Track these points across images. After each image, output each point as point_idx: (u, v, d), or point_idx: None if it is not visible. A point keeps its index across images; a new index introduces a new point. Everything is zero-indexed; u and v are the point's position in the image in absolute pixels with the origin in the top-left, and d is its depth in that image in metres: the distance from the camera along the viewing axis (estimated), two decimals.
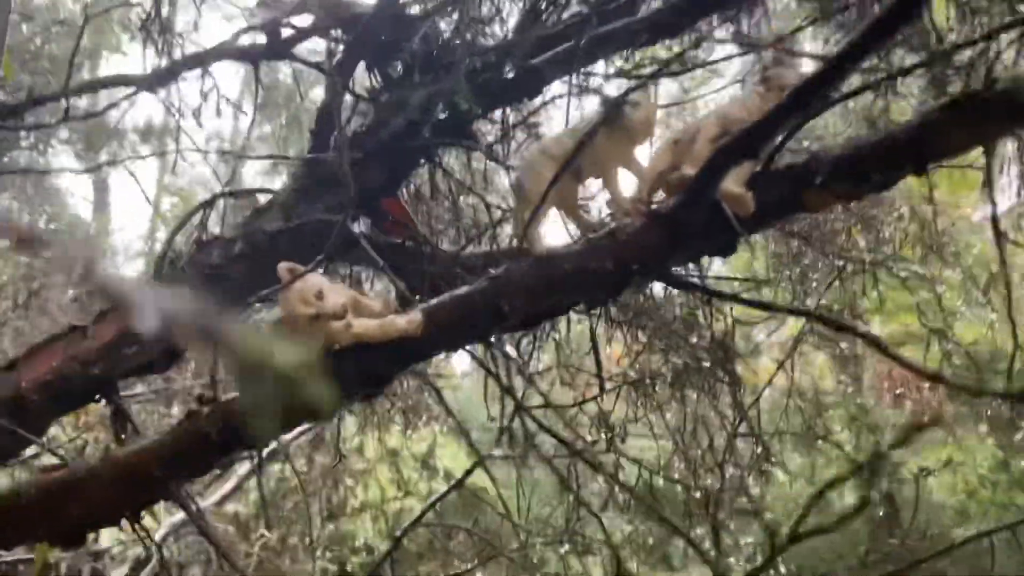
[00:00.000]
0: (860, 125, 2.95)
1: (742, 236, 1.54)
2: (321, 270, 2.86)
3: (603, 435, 3.79)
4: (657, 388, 3.71)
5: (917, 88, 1.86)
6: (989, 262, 4.22)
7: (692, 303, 3.54)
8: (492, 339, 1.64)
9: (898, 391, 6.16)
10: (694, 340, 3.22)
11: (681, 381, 3.56)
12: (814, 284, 4.18)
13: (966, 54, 1.57)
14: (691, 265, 1.85)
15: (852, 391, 6.01)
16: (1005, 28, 1.57)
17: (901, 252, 4.12)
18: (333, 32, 2.56)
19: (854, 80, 1.69)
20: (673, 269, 1.67)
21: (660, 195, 1.70)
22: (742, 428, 3.56)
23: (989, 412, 5.04)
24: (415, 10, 2.54)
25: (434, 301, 1.66)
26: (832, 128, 3.57)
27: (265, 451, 3.98)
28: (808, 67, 1.77)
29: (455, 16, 2.44)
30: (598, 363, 3.10)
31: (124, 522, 1.73)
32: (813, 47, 2.98)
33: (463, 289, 1.66)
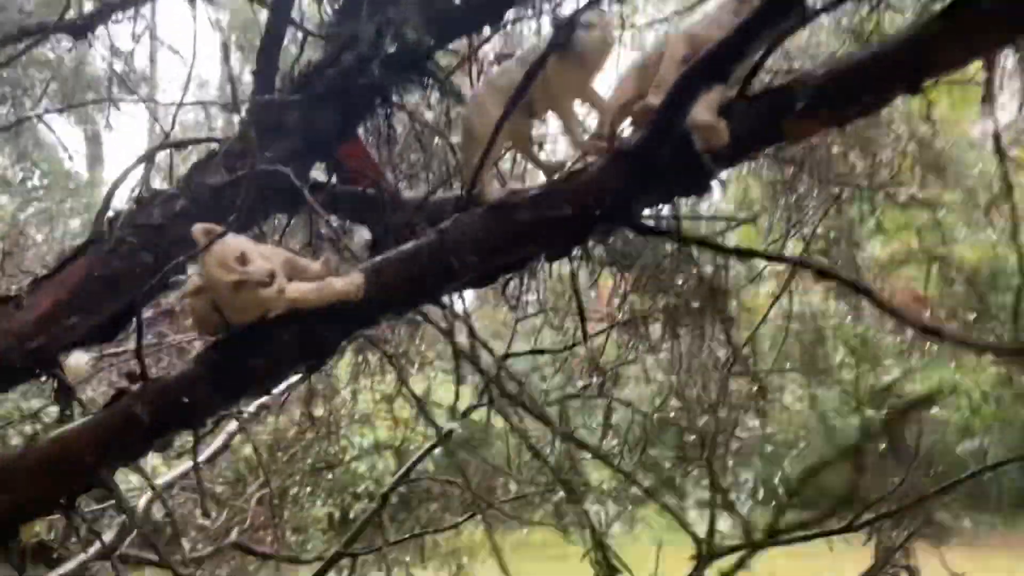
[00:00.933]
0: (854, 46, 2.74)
1: (714, 172, 1.36)
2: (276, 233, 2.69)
3: (594, 379, 3.68)
4: (648, 328, 3.58)
5: None
6: (991, 181, 4.05)
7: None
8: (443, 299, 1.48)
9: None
10: (682, 281, 3.05)
11: (672, 321, 3.42)
12: (810, 212, 4.01)
13: None
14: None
15: (852, 317, 5.86)
16: None
17: (899, 175, 3.94)
18: None
19: None
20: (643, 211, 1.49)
21: (627, 130, 1.52)
22: (738, 367, 3.44)
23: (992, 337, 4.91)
24: None
25: (377, 259, 1.50)
26: (826, 49, 3.35)
27: (253, 407, 3.88)
28: None
29: None
30: (580, 309, 2.95)
31: None
32: None
33: (409, 245, 1.49)
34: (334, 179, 2.46)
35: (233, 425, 3.85)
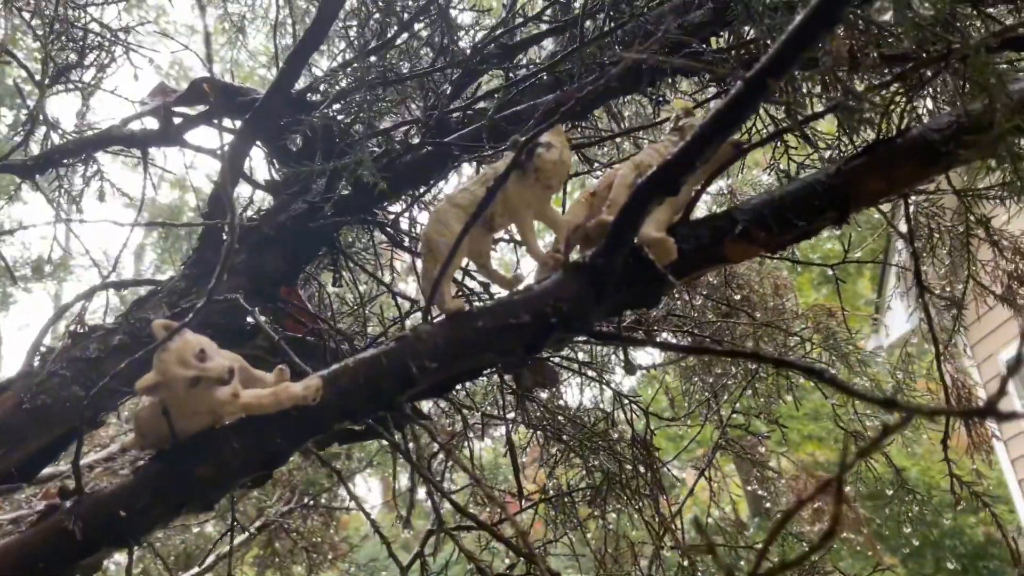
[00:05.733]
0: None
1: (666, 284, 1.44)
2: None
3: (521, 558, 3.57)
4: (577, 503, 3.54)
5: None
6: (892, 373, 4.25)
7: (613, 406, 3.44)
8: (400, 410, 1.47)
9: (816, 505, 6.10)
10: (615, 439, 3.07)
11: (602, 493, 3.40)
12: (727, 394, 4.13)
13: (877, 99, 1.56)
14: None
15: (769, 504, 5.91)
16: (902, 76, 1.57)
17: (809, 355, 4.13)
18: (227, 119, 2.45)
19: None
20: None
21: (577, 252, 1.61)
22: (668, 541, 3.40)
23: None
24: (315, 97, 2.47)
25: (335, 366, 1.49)
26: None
27: None
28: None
29: (356, 101, 2.37)
30: (516, 471, 2.93)
31: None
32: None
33: (368, 352, 1.50)
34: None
35: None
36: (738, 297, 3.78)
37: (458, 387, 3.04)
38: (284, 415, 1.44)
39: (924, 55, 1.46)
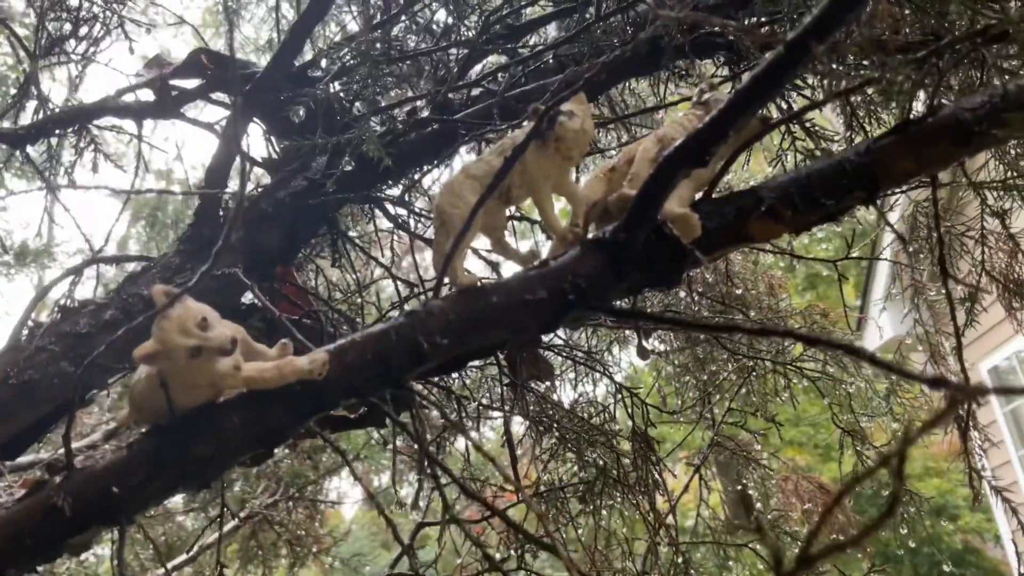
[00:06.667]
0: None
1: (690, 260, 1.38)
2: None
3: (513, 551, 3.51)
4: (569, 499, 3.49)
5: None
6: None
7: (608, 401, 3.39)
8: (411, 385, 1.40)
9: (806, 506, 6.06)
10: (612, 433, 3.01)
11: (596, 487, 3.35)
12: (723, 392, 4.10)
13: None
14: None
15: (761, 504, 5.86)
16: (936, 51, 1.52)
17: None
18: (224, 94, 2.38)
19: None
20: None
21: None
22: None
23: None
24: (316, 73, 2.40)
25: (343, 340, 1.43)
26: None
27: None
28: None
29: (360, 77, 2.30)
30: (513, 460, 2.86)
31: None
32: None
33: (377, 326, 1.43)
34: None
35: None
36: (739, 292, 3.74)
37: (455, 375, 2.98)
38: (287, 390, 1.37)
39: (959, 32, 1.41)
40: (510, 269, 1.56)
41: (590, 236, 1.44)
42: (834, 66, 1.43)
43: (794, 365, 3.94)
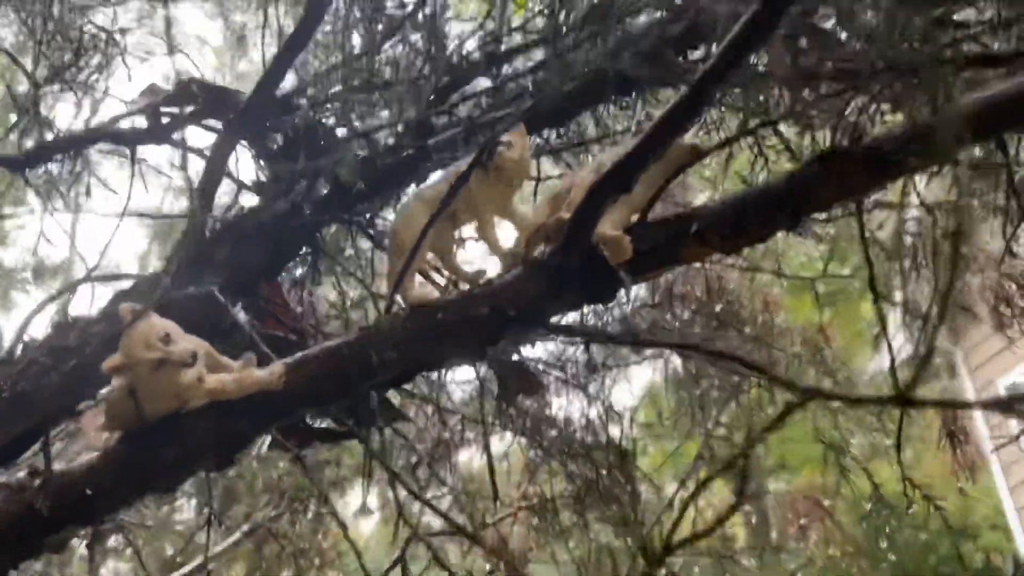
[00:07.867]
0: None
1: (621, 282, 1.48)
2: None
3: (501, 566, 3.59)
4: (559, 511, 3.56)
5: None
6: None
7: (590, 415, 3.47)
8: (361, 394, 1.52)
9: (802, 522, 6.11)
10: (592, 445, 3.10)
11: (583, 501, 3.42)
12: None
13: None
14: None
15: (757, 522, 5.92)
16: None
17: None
18: (214, 120, 2.51)
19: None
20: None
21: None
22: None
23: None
24: (301, 101, 2.52)
25: (299, 354, 1.54)
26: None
27: None
28: None
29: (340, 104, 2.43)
30: (492, 475, 2.95)
31: None
32: None
33: (333, 341, 1.55)
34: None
35: None
36: (735, 308, 3.80)
37: (446, 397, 3.08)
38: (249, 400, 1.49)
39: (876, 68, 1.51)
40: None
41: (530, 257, 1.55)
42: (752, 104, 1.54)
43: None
